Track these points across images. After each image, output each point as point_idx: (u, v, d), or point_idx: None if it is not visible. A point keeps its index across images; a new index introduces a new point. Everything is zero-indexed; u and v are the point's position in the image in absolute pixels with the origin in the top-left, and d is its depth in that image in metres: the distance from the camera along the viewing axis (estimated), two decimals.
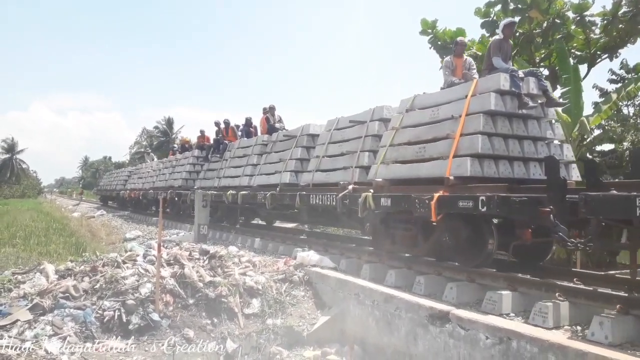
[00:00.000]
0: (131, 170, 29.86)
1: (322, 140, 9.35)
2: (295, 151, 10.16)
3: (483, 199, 5.06)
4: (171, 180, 18.16)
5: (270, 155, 11.35)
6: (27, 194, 56.67)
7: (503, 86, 5.95)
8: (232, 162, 13.41)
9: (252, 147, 12.46)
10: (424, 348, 4.83)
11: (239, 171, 12.50)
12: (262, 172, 11.17)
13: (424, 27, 10.19)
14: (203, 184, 14.96)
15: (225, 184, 12.92)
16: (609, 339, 3.73)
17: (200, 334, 5.31)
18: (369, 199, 6.65)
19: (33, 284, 5.70)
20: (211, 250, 7.21)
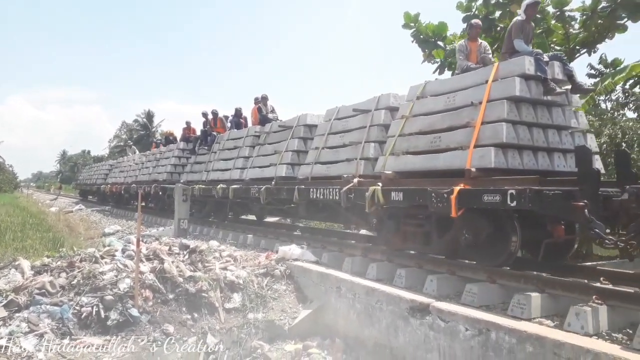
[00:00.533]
0: (112, 163, 28.79)
1: (321, 131, 8.78)
2: (292, 142, 9.58)
3: (512, 192, 4.61)
4: (155, 174, 17.46)
5: (263, 147, 10.74)
6: (2, 188, 55.45)
7: (528, 70, 5.50)
8: (221, 154, 12.74)
9: (244, 139, 11.81)
10: (405, 340, 4.86)
11: (230, 164, 11.88)
12: (255, 165, 10.60)
13: (407, 21, 10.17)
14: (190, 177, 14.29)
15: (215, 178, 12.30)
16: (585, 329, 3.79)
17: (180, 329, 5.26)
18: (377, 193, 6.15)
19: (8, 280, 5.56)
20: (191, 245, 7.13)
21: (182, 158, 16.51)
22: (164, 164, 17.22)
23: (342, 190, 6.89)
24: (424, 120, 6.39)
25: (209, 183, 12.35)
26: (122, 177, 22.87)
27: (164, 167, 16.94)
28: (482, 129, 5.47)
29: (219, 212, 12.88)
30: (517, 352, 3.79)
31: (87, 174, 35.58)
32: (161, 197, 15.97)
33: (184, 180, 14.26)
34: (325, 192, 7.43)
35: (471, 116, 5.66)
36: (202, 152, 14.38)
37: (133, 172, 21.38)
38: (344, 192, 6.84)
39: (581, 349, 3.40)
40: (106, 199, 25.99)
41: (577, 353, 3.41)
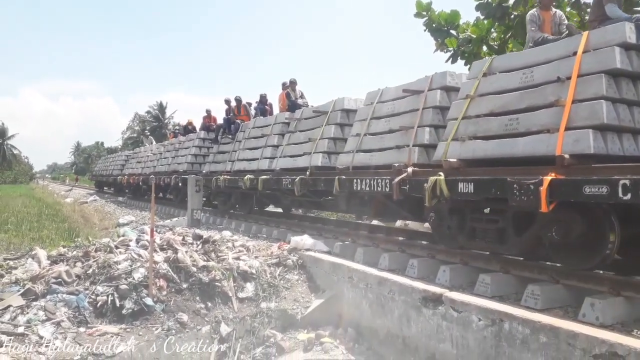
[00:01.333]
0: (128, 154, 28.20)
1: (361, 116, 7.76)
2: (328, 129, 8.73)
3: (626, 183, 3.82)
4: (175, 165, 16.74)
5: (294, 135, 9.79)
6: (19, 179, 56.37)
7: (629, 38, 4.57)
8: (247, 143, 11.81)
9: (272, 127, 10.92)
10: (417, 330, 4.86)
11: (257, 153, 11.01)
12: (286, 154, 9.68)
13: (419, 9, 10.06)
14: (213, 168, 13.38)
15: (240, 168, 11.42)
16: (600, 320, 3.76)
17: (194, 318, 5.31)
18: (440, 184, 5.33)
19: (25, 270, 5.66)
20: (204, 235, 7.19)
21: (202, 148, 15.89)
22: (183, 154, 16.58)
23: (394, 182, 6.01)
24: (494, 100, 5.48)
25: (234, 174, 11.55)
26: (140, 167, 22.29)
27: (184, 158, 16.32)
28: (575, 109, 4.58)
29: (244, 204, 12.10)
30: (531, 343, 3.77)
31: (103, 165, 35.12)
32: (181, 188, 15.17)
33: (207, 170, 13.56)
34: (373, 184, 6.60)
35: (557, 94, 4.79)
36: (226, 141, 13.52)
37: (151, 162, 20.79)
38: (396, 183, 5.98)
39: (596, 339, 3.37)
40: (123, 190, 25.53)
41: (591, 344, 3.39)
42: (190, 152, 15.98)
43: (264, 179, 9.72)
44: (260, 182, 9.75)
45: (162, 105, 56.99)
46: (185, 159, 16.05)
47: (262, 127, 11.46)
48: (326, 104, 9.33)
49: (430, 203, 5.53)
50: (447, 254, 5.91)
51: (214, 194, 13.08)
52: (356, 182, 6.96)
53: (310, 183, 8.27)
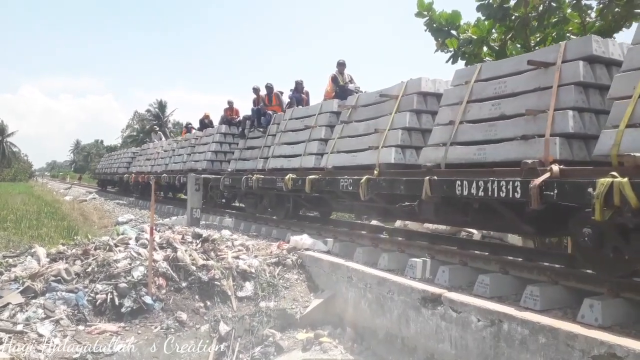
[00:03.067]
0: (135, 151, 26.48)
1: (451, 100, 6.05)
2: (400, 118, 6.93)
3: None
4: (191, 163, 15.14)
5: (350, 125, 8.04)
6: (18, 177, 56.33)
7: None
8: (284, 137, 10.05)
9: (316, 117, 9.18)
10: (416, 330, 4.87)
11: (298, 149, 9.33)
12: (340, 149, 7.95)
13: (420, 9, 10.05)
14: (240, 165, 11.73)
15: (277, 166, 9.79)
16: (599, 321, 3.77)
17: (193, 317, 5.32)
18: (623, 189, 3.68)
19: (24, 267, 5.66)
20: (204, 234, 7.19)
21: (224, 144, 14.38)
22: (202, 151, 14.94)
23: (533, 185, 4.32)
24: None
25: (269, 172, 9.94)
26: (149, 165, 20.58)
27: (202, 155, 14.70)
28: None
29: (279, 208, 10.30)
30: (530, 344, 3.78)
31: (106, 162, 32.98)
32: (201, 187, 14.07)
33: (232, 168, 11.99)
34: (490, 187, 4.86)
35: None
36: (255, 135, 11.72)
37: (162, 159, 18.96)
38: (536, 187, 4.30)
39: (595, 340, 3.38)
40: (129, 189, 23.59)
41: (590, 345, 3.39)
42: (209, 149, 14.44)
43: (313, 179, 7.99)
44: (308, 183, 8.01)
45: (162, 104, 56.99)
46: (204, 156, 14.48)
47: (304, 118, 9.64)
48: (392, 87, 7.52)
49: (601, 216, 3.89)
50: (446, 254, 5.92)
51: (241, 195, 11.75)
52: (459, 185, 5.22)
53: (382, 185, 6.50)
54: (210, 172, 13.54)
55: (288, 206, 9.94)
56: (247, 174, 10.62)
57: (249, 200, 11.50)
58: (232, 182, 11.37)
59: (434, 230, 9.35)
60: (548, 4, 8.89)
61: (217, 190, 12.96)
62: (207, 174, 13.21)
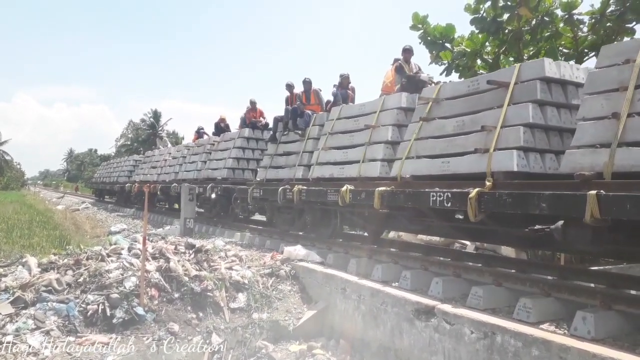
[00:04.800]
0: (138, 158, 24.73)
1: (602, 85, 4.42)
2: (518, 111, 5.11)
3: None
4: (208, 171, 13.61)
5: (432, 124, 6.20)
6: (10, 186, 55.95)
7: None
8: (331, 140, 8.41)
9: (377, 115, 7.44)
10: (410, 342, 4.85)
11: (354, 154, 7.66)
12: (420, 154, 6.16)
13: (415, 22, 10.18)
14: (272, 174, 10.06)
15: (324, 175, 8.18)
16: (591, 334, 3.77)
17: (185, 328, 5.28)
18: None
19: (15, 277, 5.60)
20: (197, 244, 7.16)
21: (246, 149, 12.89)
22: (220, 158, 13.40)
23: None
24: None
25: (314, 183, 8.33)
26: (155, 174, 18.74)
27: (222, 162, 13.14)
28: None
29: (323, 225, 8.63)
30: (523, 356, 3.77)
31: (104, 171, 31.05)
32: (220, 199, 12.32)
33: (262, 178, 10.31)
34: None
35: None
36: (292, 138, 9.99)
37: (170, 167, 17.30)
38: None
39: (587, 353, 3.38)
40: (130, 199, 22.09)
41: (583, 357, 3.39)
42: (230, 155, 12.85)
43: (384, 192, 6.18)
44: (378, 197, 6.19)
45: (156, 113, 56.88)
46: (223, 164, 12.93)
47: (359, 117, 7.95)
48: (502, 71, 5.97)
49: None
50: (439, 265, 5.93)
51: (273, 209, 9.99)
52: None
53: (504, 201, 4.66)
54: (231, 180, 12.25)
55: (335, 223, 8.35)
56: (284, 184, 8.97)
57: (283, 216, 9.63)
58: (264, 193, 9.64)
59: (428, 241, 9.35)
60: (541, 18, 9.02)
61: (243, 203, 11.29)
62: (228, 184, 12.00)
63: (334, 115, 8.68)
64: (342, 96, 9.52)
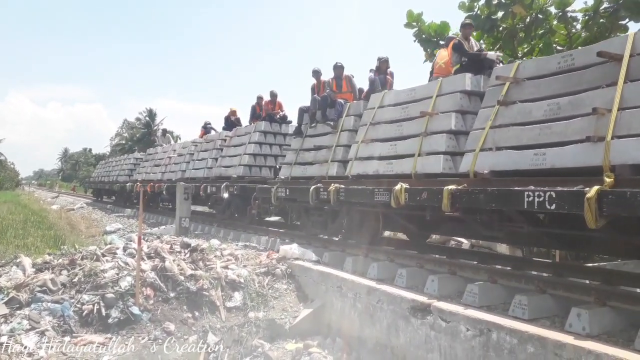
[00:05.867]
0: (139, 156, 23.62)
1: None
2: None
3: None
4: (221, 169, 12.58)
5: (512, 108, 5.13)
6: (4, 186, 55.62)
7: None
8: (372, 131, 7.25)
9: (434, 101, 6.32)
10: (406, 340, 4.86)
11: (405, 147, 6.51)
12: (501, 145, 5.07)
13: (409, 20, 10.20)
14: (298, 172, 8.97)
15: (366, 172, 7.03)
16: (586, 330, 3.79)
17: (181, 328, 5.26)
18: None
19: (9, 278, 5.57)
20: (192, 244, 7.14)
21: (263, 145, 11.87)
22: (235, 154, 12.34)
23: None
24: None
25: (354, 181, 7.18)
26: (159, 172, 17.63)
27: (236, 159, 12.09)
28: None
29: (362, 229, 7.48)
30: (518, 353, 3.79)
31: (103, 170, 29.62)
32: (235, 199, 11.39)
33: (287, 176, 9.24)
34: None
35: None
36: (321, 131, 8.93)
37: (176, 165, 16.27)
38: None
39: (582, 349, 3.39)
40: (130, 199, 21.26)
41: (578, 354, 3.41)
42: (246, 151, 11.81)
43: (456, 191, 5.05)
44: (447, 197, 5.07)
45: (152, 112, 56.63)
46: (238, 161, 11.88)
47: (409, 104, 6.82)
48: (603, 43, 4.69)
49: None
50: (435, 263, 5.94)
51: (303, 210, 8.84)
52: None
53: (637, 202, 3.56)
54: (248, 179, 11.29)
55: (377, 227, 7.32)
56: (315, 182, 7.88)
57: (313, 218, 8.57)
58: (291, 193, 8.51)
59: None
60: (535, 16, 9.06)
61: (265, 203, 10.38)
62: (245, 183, 11.07)
63: (375, 102, 7.51)
64: (380, 82, 8.58)
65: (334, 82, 9.09)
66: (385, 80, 8.63)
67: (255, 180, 11.01)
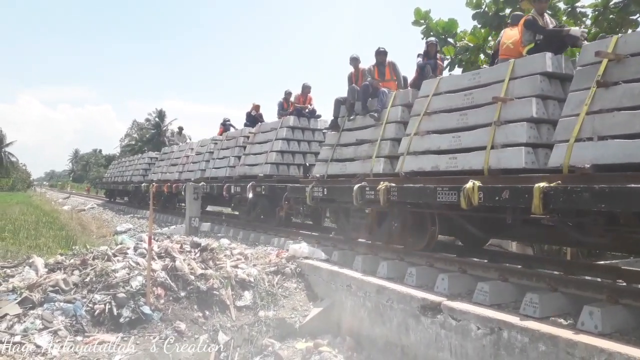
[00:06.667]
0: (154, 156, 22.77)
1: None
2: None
3: None
4: (244, 167, 11.73)
5: (617, 90, 4.30)
6: (16, 187, 56.29)
7: None
8: (427, 123, 6.32)
9: (506, 84, 5.41)
10: (416, 339, 4.85)
11: (470, 139, 5.66)
12: (604, 133, 4.29)
13: (417, 17, 10.16)
14: (336, 169, 8.10)
15: (422, 168, 6.15)
16: (598, 328, 3.76)
17: (192, 327, 5.29)
18: None
19: (22, 278, 5.64)
20: (202, 243, 7.18)
21: (291, 141, 10.99)
22: (260, 152, 11.48)
23: None
24: None
25: (407, 178, 6.26)
26: (176, 172, 16.77)
27: (262, 156, 11.21)
28: None
29: (415, 234, 6.61)
30: (530, 351, 3.77)
31: (116, 170, 28.63)
32: (260, 199, 10.73)
33: (322, 174, 8.35)
34: None
35: None
36: (361, 124, 7.96)
37: (195, 164, 15.53)
38: None
39: (595, 348, 3.37)
40: (145, 200, 20.39)
41: (590, 352, 3.38)
42: (273, 148, 10.93)
43: (551, 189, 4.26)
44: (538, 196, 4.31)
45: (161, 113, 56.91)
46: (265, 158, 10.95)
47: (473, 90, 5.92)
48: None
49: None
50: (445, 262, 5.92)
51: (342, 212, 8.11)
52: None
53: None
54: (278, 179, 10.39)
55: (432, 231, 6.38)
56: (358, 180, 7.03)
57: (355, 221, 7.72)
58: (329, 192, 7.73)
59: None
60: None
61: (298, 204, 9.43)
62: (273, 182, 10.23)
63: (428, 90, 6.59)
64: (431, 67, 7.75)
65: (375, 70, 8.08)
66: (436, 65, 7.91)
67: (284, 180, 10.16)
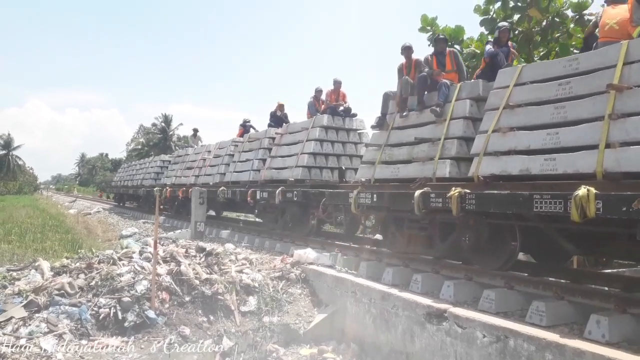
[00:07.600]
0: (166, 159, 21.93)
1: None
2: None
3: None
4: (271, 171, 10.77)
5: None
6: (23, 190, 56.63)
7: None
8: (507, 118, 5.35)
9: (620, 70, 4.42)
10: (421, 346, 4.82)
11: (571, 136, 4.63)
12: None
13: (424, 24, 10.19)
14: (385, 173, 7.04)
15: (502, 171, 5.16)
16: (606, 338, 3.72)
17: (196, 332, 5.29)
18: None
19: (28, 281, 5.66)
20: (208, 248, 7.18)
21: (324, 142, 10.00)
22: (288, 154, 10.51)
23: None
24: None
25: (484, 184, 5.26)
26: (192, 175, 15.83)
27: (291, 159, 10.22)
28: None
29: (492, 250, 5.57)
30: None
31: (125, 173, 27.70)
32: (289, 206, 9.75)
33: (368, 178, 7.21)
34: None
35: None
36: (417, 120, 6.96)
37: (213, 168, 14.52)
38: None
39: (602, 357, 3.33)
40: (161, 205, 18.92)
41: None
42: (305, 150, 9.94)
43: None
44: None
45: (167, 117, 57.19)
46: (295, 161, 9.99)
47: (570, 78, 4.94)
48: None
49: None
50: (451, 269, 5.89)
51: (393, 222, 7.06)
52: None
53: None
54: (311, 183, 9.43)
55: (513, 247, 5.36)
56: (418, 186, 5.99)
57: (413, 232, 6.68)
58: (379, 199, 6.58)
59: None
60: (551, 19, 8.98)
61: (338, 212, 8.49)
62: (307, 187, 9.21)
63: (507, 80, 5.60)
64: (504, 54, 6.87)
65: (434, 59, 7.18)
66: (509, 52, 7.00)
67: (319, 185, 9.23)
